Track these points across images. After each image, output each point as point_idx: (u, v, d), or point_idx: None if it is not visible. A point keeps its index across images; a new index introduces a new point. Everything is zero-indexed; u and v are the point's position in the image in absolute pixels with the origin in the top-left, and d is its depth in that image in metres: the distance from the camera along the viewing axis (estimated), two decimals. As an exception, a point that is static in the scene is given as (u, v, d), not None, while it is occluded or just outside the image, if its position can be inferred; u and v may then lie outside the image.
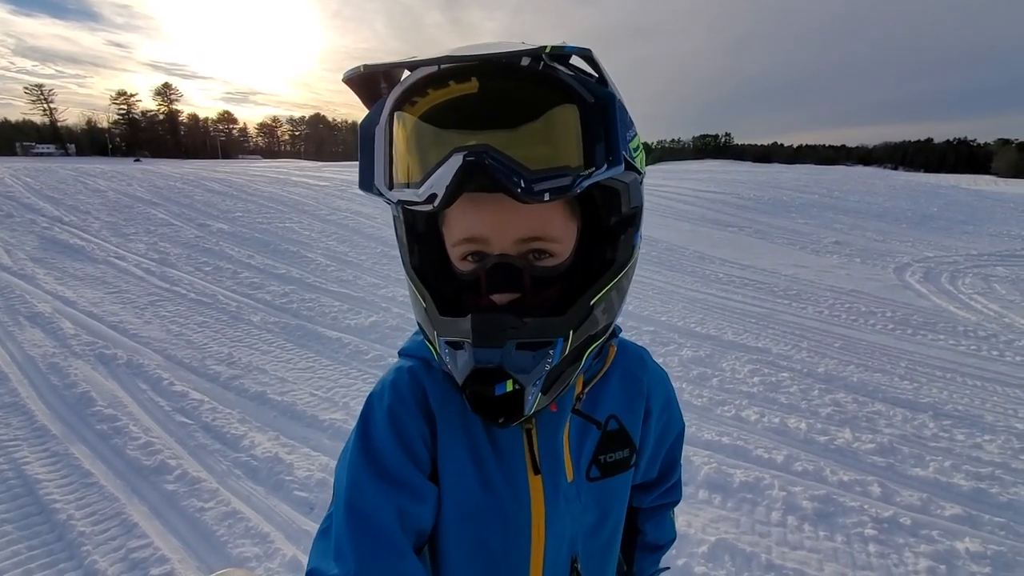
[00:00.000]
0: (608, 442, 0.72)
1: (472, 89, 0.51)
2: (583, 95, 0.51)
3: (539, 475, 0.66)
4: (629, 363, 0.78)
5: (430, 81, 0.52)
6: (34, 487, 2.73)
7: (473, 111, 0.51)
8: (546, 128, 0.50)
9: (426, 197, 0.51)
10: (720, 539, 2.48)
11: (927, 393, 4.18)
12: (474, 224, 0.57)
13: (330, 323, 5.18)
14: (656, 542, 0.93)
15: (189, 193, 12.38)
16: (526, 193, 0.49)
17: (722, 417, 3.65)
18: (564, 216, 0.59)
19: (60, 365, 4.04)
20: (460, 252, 0.60)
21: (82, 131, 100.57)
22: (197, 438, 3.21)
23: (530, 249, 0.57)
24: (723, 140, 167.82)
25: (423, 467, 0.64)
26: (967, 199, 16.99)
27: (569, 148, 0.51)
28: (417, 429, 0.64)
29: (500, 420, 0.57)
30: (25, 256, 7.13)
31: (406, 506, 0.61)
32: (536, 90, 0.51)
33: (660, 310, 6.01)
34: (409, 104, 0.53)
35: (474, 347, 0.54)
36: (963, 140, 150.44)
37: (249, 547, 2.38)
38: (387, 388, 0.67)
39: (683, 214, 12.63)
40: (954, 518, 2.74)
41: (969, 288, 7.65)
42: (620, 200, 0.60)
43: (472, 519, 0.66)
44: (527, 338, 0.54)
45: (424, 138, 0.52)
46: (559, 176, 0.50)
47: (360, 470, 0.61)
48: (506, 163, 0.49)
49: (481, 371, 0.54)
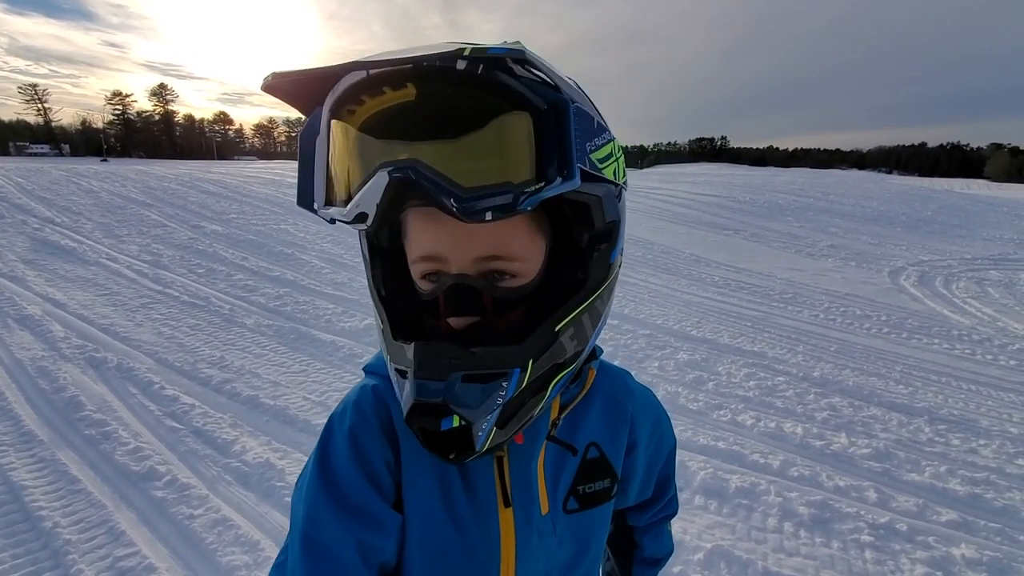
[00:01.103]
0: (587, 472, 0.68)
1: (409, 96, 0.46)
2: (534, 101, 0.46)
3: (510, 508, 0.62)
4: (612, 388, 0.73)
5: (363, 88, 0.47)
6: (20, 494, 2.68)
7: (409, 120, 0.46)
8: (492, 138, 0.45)
9: (354, 216, 0.47)
10: (716, 546, 2.45)
11: (922, 397, 4.18)
12: (431, 241, 0.53)
13: (324, 326, 5.14)
14: (654, 556, 0.91)
15: (183, 194, 12.31)
16: (463, 212, 0.44)
17: (718, 421, 3.64)
18: (529, 232, 0.54)
19: (49, 368, 3.98)
20: (419, 270, 0.56)
21: (77, 131, 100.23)
22: (187, 443, 3.16)
23: (491, 269, 0.53)
24: (719, 143, 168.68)
25: (386, 495, 0.60)
26: (961, 203, 17.13)
27: (517, 160, 0.46)
28: (380, 453, 0.60)
29: (451, 456, 0.53)
30: (15, 257, 7.06)
31: (367, 539, 0.57)
32: (482, 97, 0.45)
33: (656, 313, 6.00)
34: (347, 113, 0.49)
35: (415, 379, 0.50)
36: (956, 145, 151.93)
37: (239, 555, 2.33)
38: (349, 408, 0.62)
39: (679, 217, 12.64)
40: (950, 524, 2.73)
41: (963, 292, 7.68)
42: (592, 215, 0.54)
43: (438, 554, 0.61)
44: (474, 370, 0.50)
45: (358, 150, 0.48)
46: (499, 193, 0.44)
47: (318, 499, 0.57)
48: (435, 180, 0.44)
49: (423, 405, 0.49)
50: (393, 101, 0.47)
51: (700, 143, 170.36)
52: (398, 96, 0.46)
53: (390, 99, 0.47)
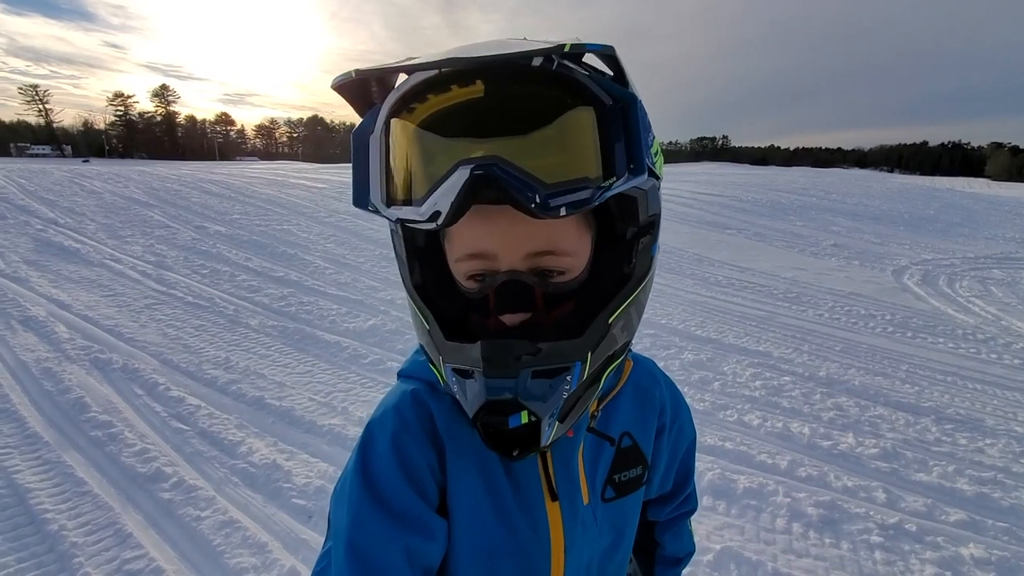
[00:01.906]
0: (622, 460, 0.69)
1: (478, 93, 0.46)
2: (601, 97, 0.46)
3: (556, 501, 0.63)
4: (640, 377, 0.74)
5: (430, 85, 0.47)
6: (25, 496, 2.68)
7: (479, 117, 0.46)
8: (561, 134, 0.45)
9: (429, 215, 0.46)
10: (725, 547, 2.45)
11: (929, 397, 4.17)
12: (480, 239, 0.52)
13: (328, 327, 5.13)
14: (676, 555, 0.91)
15: (186, 195, 12.31)
16: (541, 208, 0.44)
17: (725, 422, 3.63)
18: (578, 228, 0.54)
19: (54, 370, 3.98)
20: (465, 269, 0.55)
21: (79, 132, 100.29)
22: (193, 444, 3.16)
23: (541, 265, 0.53)
24: (720, 143, 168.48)
25: (431, 500, 0.59)
26: (962, 202, 17.10)
27: (586, 156, 0.46)
28: (424, 459, 0.59)
29: (515, 453, 0.53)
30: (19, 259, 7.06)
31: (414, 544, 0.56)
32: (548, 93, 0.46)
33: (660, 313, 5.99)
34: (407, 111, 0.48)
35: (485, 377, 0.49)
36: (958, 143, 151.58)
37: (247, 557, 2.33)
38: (390, 413, 0.61)
39: (681, 216, 12.62)
40: (958, 523, 2.73)
41: (967, 291, 7.66)
42: (638, 209, 0.54)
43: (487, 553, 0.61)
44: (543, 365, 0.50)
45: (426, 149, 0.48)
46: (578, 189, 0.45)
47: (362, 506, 0.56)
48: (519, 176, 0.44)
49: (494, 403, 0.49)
50: (459, 98, 0.47)
51: (701, 142, 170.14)
52: (465, 93, 0.46)
53: (456, 96, 0.47)
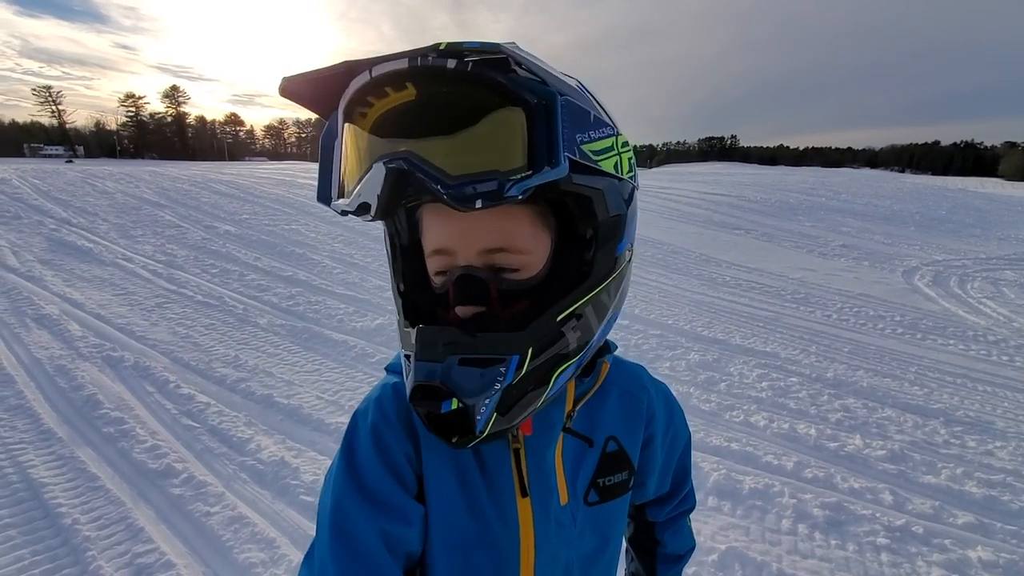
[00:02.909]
0: (607, 465, 0.70)
1: (410, 97, 0.49)
2: (524, 96, 0.48)
3: (527, 498, 0.64)
4: (627, 382, 0.75)
5: (368, 90, 0.50)
6: (39, 491, 2.73)
7: (411, 118, 0.49)
8: (486, 133, 0.48)
9: (356, 205, 0.50)
10: (730, 547, 2.45)
11: (937, 399, 4.14)
12: (440, 235, 0.57)
13: (336, 326, 5.18)
14: (677, 552, 0.92)
15: (196, 195, 12.43)
16: (453, 199, 0.47)
17: (731, 422, 3.62)
18: (532, 226, 0.56)
19: (67, 367, 4.05)
20: (433, 265, 0.60)
21: (91, 133, 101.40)
22: (203, 441, 3.20)
23: (495, 261, 0.55)
24: (729, 142, 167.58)
25: (409, 487, 0.62)
26: (975, 202, 16.90)
27: (509, 152, 0.48)
28: (401, 448, 0.62)
29: (453, 440, 0.55)
30: (33, 258, 7.16)
31: (392, 529, 0.59)
32: (476, 94, 0.48)
33: (666, 313, 5.98)
34: (359, 115, 0.52)
35: (416, 360, 0.53)
36: (970, 143, 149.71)
37: (255, 552, 2.36)
38: (371, 405, 0.65)
39: (688, 216, 12.58)
40: (966, 526, 2.71)
41: (978, 292, 7.59)
42: (594, 208, 0.55)
43: (460, 545, 0.64)
44: (471, 353, 0.52)
45: (360, 148, 0.52)
46: (486, 180, 0.47)
47: (344, 492, 0.60)
48: (425, 169, 0.47)
49: (423, 387, 0.52)
50: (396, 102, 0.50)
51: (710, 142, 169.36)
52: (400, 97, 0.49)
53: (393, 100, 0.50)
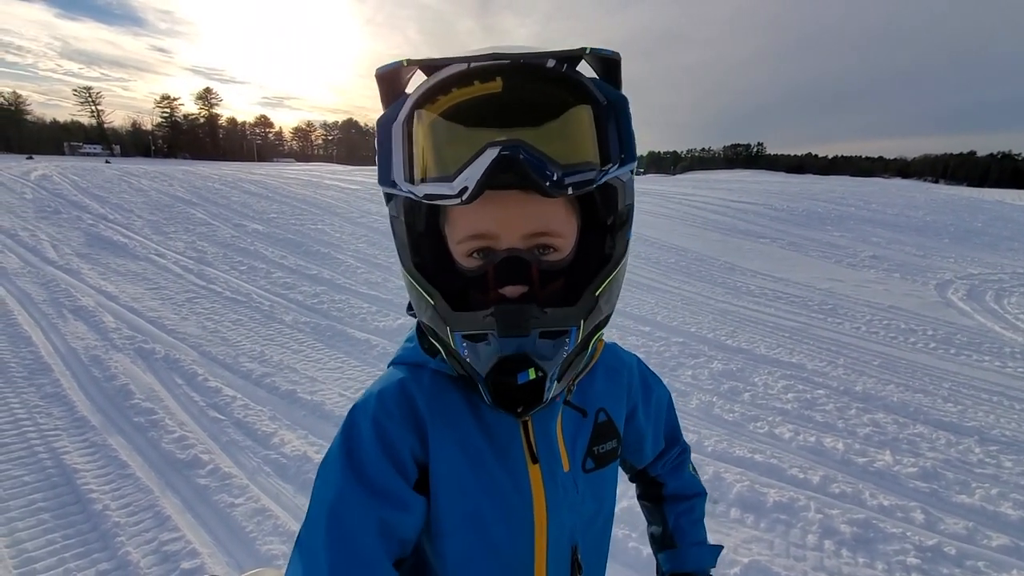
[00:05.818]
0: (599, 434, 0.76)
1: (496, 89, 0.54)
2: (598, 96, 0.55)
3: (537, 464, 0.68)
4: (609, 359, 0.82)
5: (456, 80, 0.54)
6: (72, 476, 2.81)
7: (500, 109, 0.53)
8: (566, 126, 0.53)
9: (459, 190, 0.52)
10: (753, 560, 2.40)
11: (972, 416, 4.00)
12: (482, 220, 0.58)
13: (359, 324, 5.24)
14: (680, 492, 0.95)
15: (226, 194, 12.73)
16: (556, 186, 0.51)
17: (755, 434, 3.55)
18: (567, 212, 0.61)
19: (101, 358, 4.17)
20: (466, 249, 0.60)
21: (127, 132, 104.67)
22: (229, 434, 3.26)
23: (537, 244, 0.59)
24: (755, 149, 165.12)
25: (409, 477, 0.63)
26: (1013, 214, 16.31)
27: (587, 145, 0.54)
28: (405, 441, 0.64)
29: (519, 410, 0.59)
30: (71, 251, 7.42)
31: (389, 516, 0.60)
32: (555, 91, 0.54)
33: (689, 321, 5.91)
34: (431, 102, 0.55)
35: (500, 337, 0.55)
36: (1008, 154, 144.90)
37: (277, 544, 2.40)
38: (372, 398, 0.66)
39: (713, 224, 12.42)
40: (1001, 549, 2.61)
41: (1016, 308, 7.32)
42: (618, 197, 0.61)
43: (473, 517, 0.66)
44: (549, 326, 0.56)
45: (452, 134, 0.54)
46: (585, 171, 0.53)
47: (342, 479, 0.61)
48: (539, 157, 0.51)
49: (507, 360, 0.56)
50: (478, 93, 0.54)
51: (735, 149, 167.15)
52: (484, 88, 0.54)
53: (476, 91, 0.54)
